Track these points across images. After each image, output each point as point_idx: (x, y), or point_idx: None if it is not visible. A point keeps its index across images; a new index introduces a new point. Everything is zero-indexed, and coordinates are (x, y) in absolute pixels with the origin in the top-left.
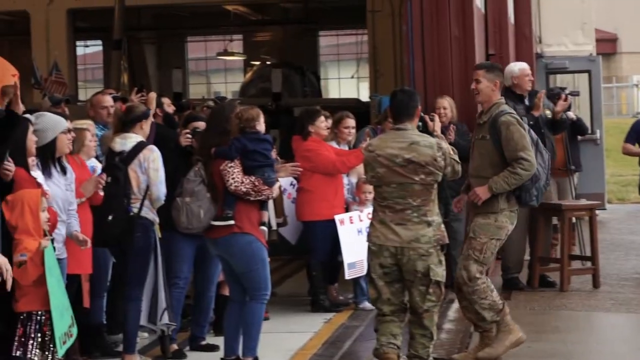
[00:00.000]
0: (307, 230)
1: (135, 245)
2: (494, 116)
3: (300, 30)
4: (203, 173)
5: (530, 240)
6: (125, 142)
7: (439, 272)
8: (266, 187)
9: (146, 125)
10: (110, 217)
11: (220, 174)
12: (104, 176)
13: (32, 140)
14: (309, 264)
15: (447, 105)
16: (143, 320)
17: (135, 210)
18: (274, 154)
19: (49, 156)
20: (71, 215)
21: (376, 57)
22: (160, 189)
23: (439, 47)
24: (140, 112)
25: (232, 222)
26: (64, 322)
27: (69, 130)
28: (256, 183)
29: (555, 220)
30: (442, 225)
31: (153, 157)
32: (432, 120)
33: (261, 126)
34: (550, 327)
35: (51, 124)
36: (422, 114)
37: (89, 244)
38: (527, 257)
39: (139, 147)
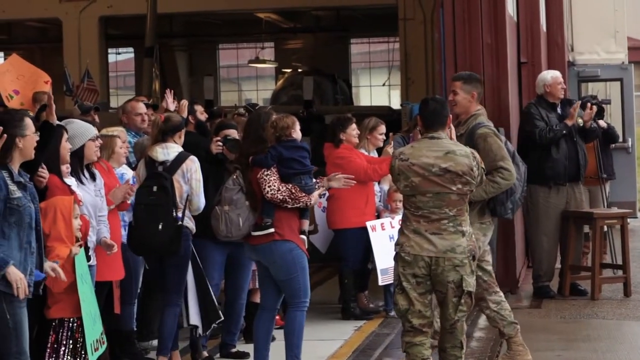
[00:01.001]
0: (338, 238)
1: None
2: (471, 129)
3: (331, 38)
4: (241, 181)
5: (561, 249)
6: (168, 151)
7: (471, 282)
8: (304, 194)
9: (183, 135)
10: (160, 226)
11: (258, 182)
12: (134, 187)
13: (65, 148)
14: (341, 272)
15: None
16: (198, 320)
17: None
18: None
19: (77, 163)
20: (101, 221)
21: (408, 64)
22: (200, 199)
23: (471, 54)
24: (178, 121)
25: (271, 230)
26: (95, 329)
27: (96, 138)
28: (293, 190)
29: (586, 229)
30: (474, 236)
31: (195, 167)
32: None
33: (297, 134)
34: (581, 336)
35: (79, 131)
36: None
37: (116, 249)
38: (558, 265)
39: (181, 158)
